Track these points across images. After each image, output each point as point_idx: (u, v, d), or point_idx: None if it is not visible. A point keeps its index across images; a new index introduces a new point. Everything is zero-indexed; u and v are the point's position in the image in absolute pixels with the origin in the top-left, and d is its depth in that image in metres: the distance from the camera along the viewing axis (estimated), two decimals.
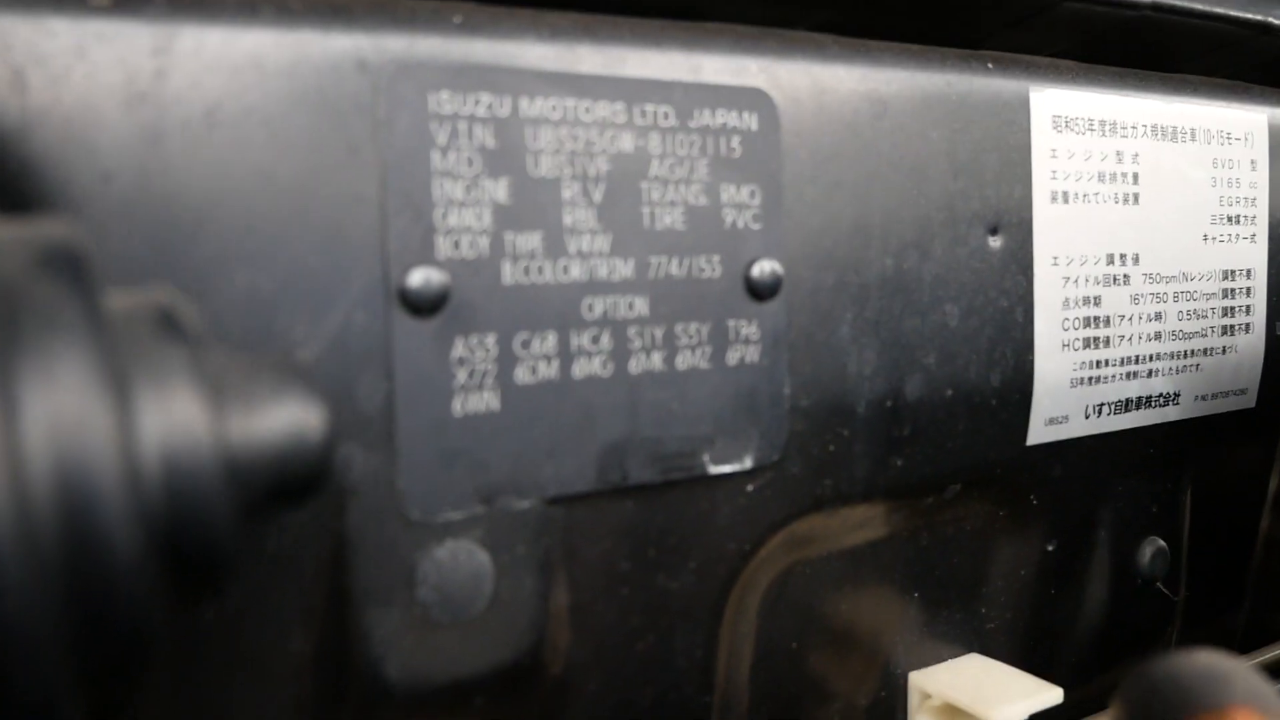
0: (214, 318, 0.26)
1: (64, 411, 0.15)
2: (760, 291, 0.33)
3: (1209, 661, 0.24)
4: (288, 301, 0.27)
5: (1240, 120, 0.47)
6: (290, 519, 0.28)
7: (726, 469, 0.33)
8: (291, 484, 0.19)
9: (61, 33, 0.24)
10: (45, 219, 0.18)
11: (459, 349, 0.29)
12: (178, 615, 0.18)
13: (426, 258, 0.28)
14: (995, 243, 0.39)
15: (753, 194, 0.33)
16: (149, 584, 0.16)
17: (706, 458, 0.33)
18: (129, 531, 0.15)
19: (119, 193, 0.25)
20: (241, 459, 0.18)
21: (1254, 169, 0.48)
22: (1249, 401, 0.49)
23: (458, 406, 0.29)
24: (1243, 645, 0.56)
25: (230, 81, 0.26)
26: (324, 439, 0.20)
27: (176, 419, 0.17)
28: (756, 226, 0.33)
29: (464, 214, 0.29)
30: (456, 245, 0.29)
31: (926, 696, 0.41)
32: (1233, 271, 0.47)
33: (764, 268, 0.33)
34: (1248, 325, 0.48)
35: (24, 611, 0.14)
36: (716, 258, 0.33)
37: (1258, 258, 0.48)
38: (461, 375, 0.29)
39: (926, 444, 0.38)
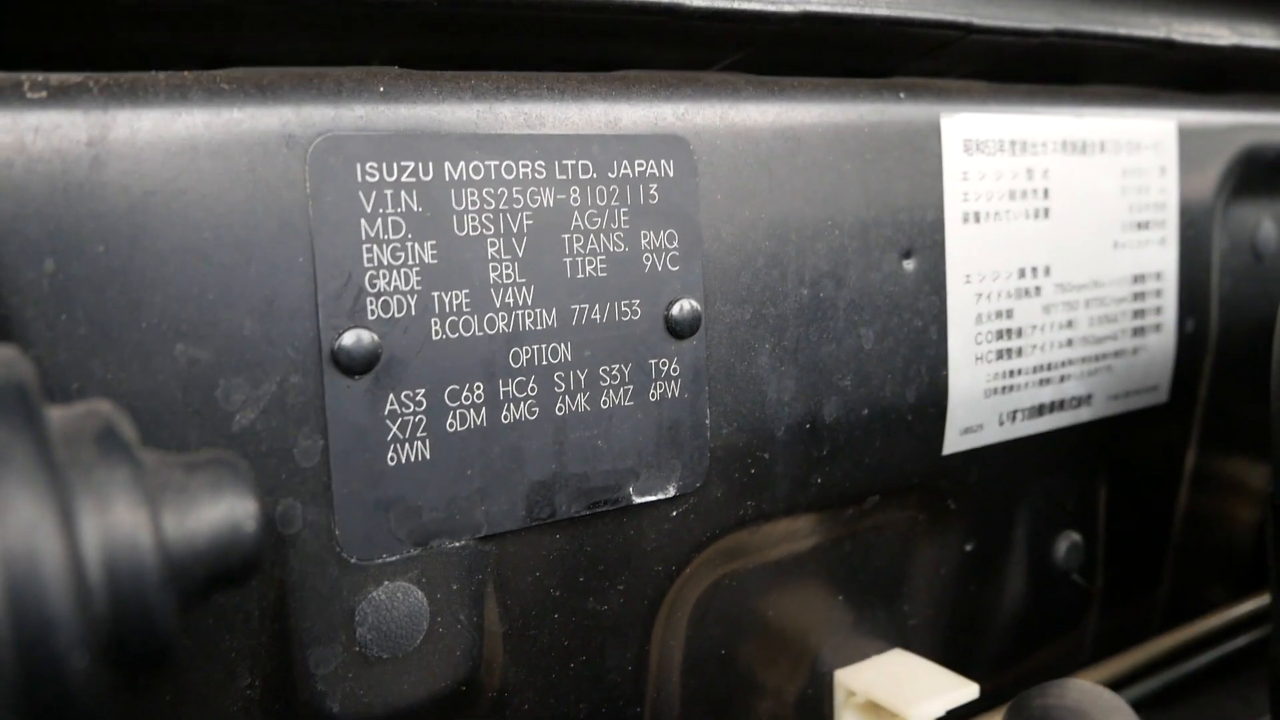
0: (156, 389, 0.28)
1: (15, 545, 0.17)
2: (680, 330, 0.35)
3: (1080, 697, 0.26)
4: (226, 370, 0.28)
5: (1149, 129, 0.49)
6: None
7: (651, 498, 0.35)
8: (229, 572, 0.21)
9: (0, 129, 0.26)
10: None
11: (391, 404, 0.31)
12: (126, 703, 0.20)
13: (358, 320, 0.30)
14: (909, 265, 0.41)
15: (671, 238, 0.35)
16: (100, 689, 0.18)
17: (631, 489, 0.35)
18: (80, 649, 0.17)
19: (61, 277, 0.26)
20: (179, 557, 0.20)
21: (1163, 174, 0.50)
22: (1161, 397, 0.52)
23: (391, 457, 0.31)
24: (1162, 624, 0.59)
25: (164, 166, 0.27)
26: (258, 529, 0.21)
27: (117, 532, 0.19)
28: (675, 268, 0.35)
29: (392, 276, 0.30)
30: (386, 306, 0.30)
31: (851, 694, 0.44)
32: (1143, 275, 0.50)
33: (683, 307, 0.35)
34: (1158, 325, 0.51)
35: None
36: (637, 301, 0.34)
37: (1167, 259, 0.51)
38: (394, 428, 0.31)
39: (845, 461, 0.40)
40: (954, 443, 0.44)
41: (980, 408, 0.44)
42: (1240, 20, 0.50)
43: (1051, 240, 0.46)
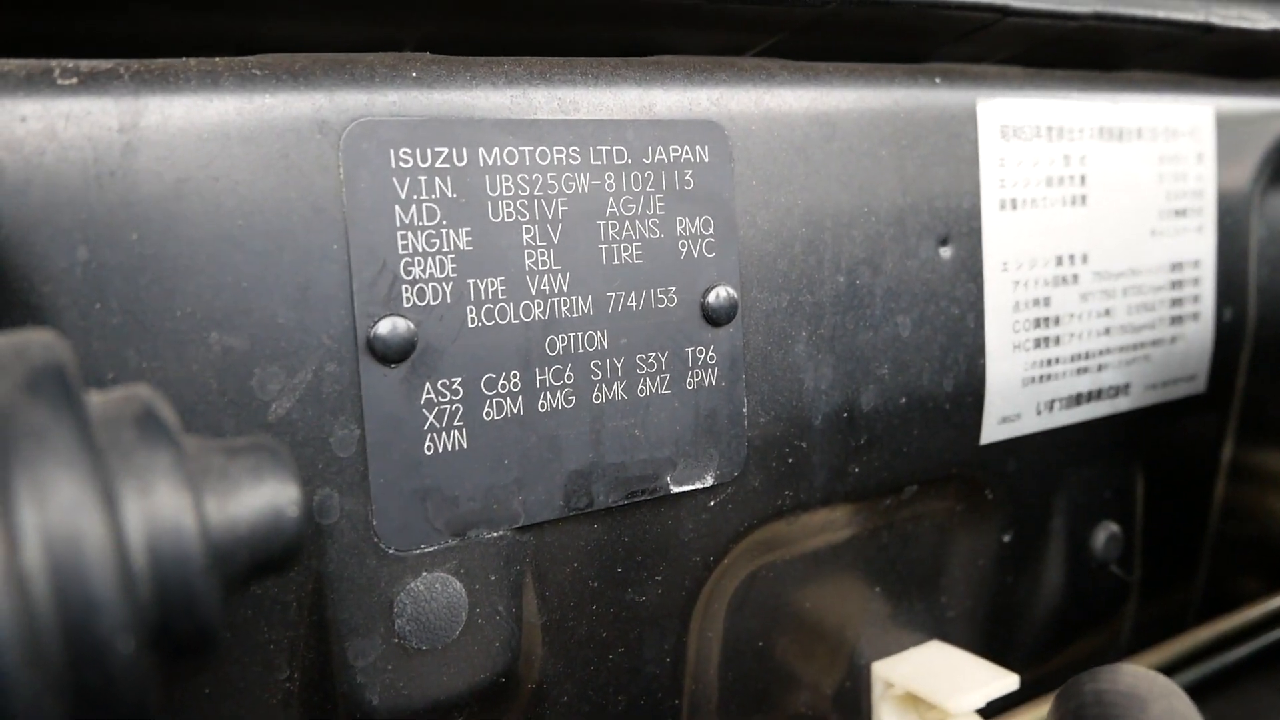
0: (191, 378, 0.27)
1: (59, 528, 0.17)
2: (716, 317, 0.35)
3: (1133, 682, 0.25)
4: (262, 358, 0.28)
5: (1186, 115, 0.48)
6: None
7: (688, 488, 0.35)
8: (272, 558, 0.21)
9: (32, 116, 0.25)
10: (30, 332, 0.19)
11: (427, 392, 0.30)
12: (170, 690, 0.19)
13: (393, 308, 0.29)
14: (946, 253, 0.40)
15: (706, 224, 0.35)
16: (145, 675, 0.18)
17: (669, 479, 0.35)
18: (125, 633, 0.17)
19: (94, 265, 0.26)
20: (222, 543, 0.20)
21: (1200, 161, 0.49)
22: (1199, 387, 0.51)
23: (428, 446, 0.30)
24: (1199, 615, 0.58)
25: (197, 153, 0.27)
26: (300, 515, 0.21)
27: (160, 516, 0.18)
28: (711, 255, 0.35)
29: (427, 263, 0.30)
30: (421, 294, 0.30)
31: (890, 685, 0.43)
32: (1180, 263, 0.49)
33: (719, 294, 0.35)
34: (1196, 314, 0.50)
35: (33, 715, 0.16)
36: (673, 288, 0.34)
37: (1205, 247, 0.50)
38: (430, 417, 0.30)
39: (883, 450, 0.40)
40: (992, 432, 0.43)
41: (1018, 397, 0.43)
42: None
43: (1089, 228, 0.45)
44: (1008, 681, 0.42)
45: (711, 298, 0.35)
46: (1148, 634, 0.55)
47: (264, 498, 0.21)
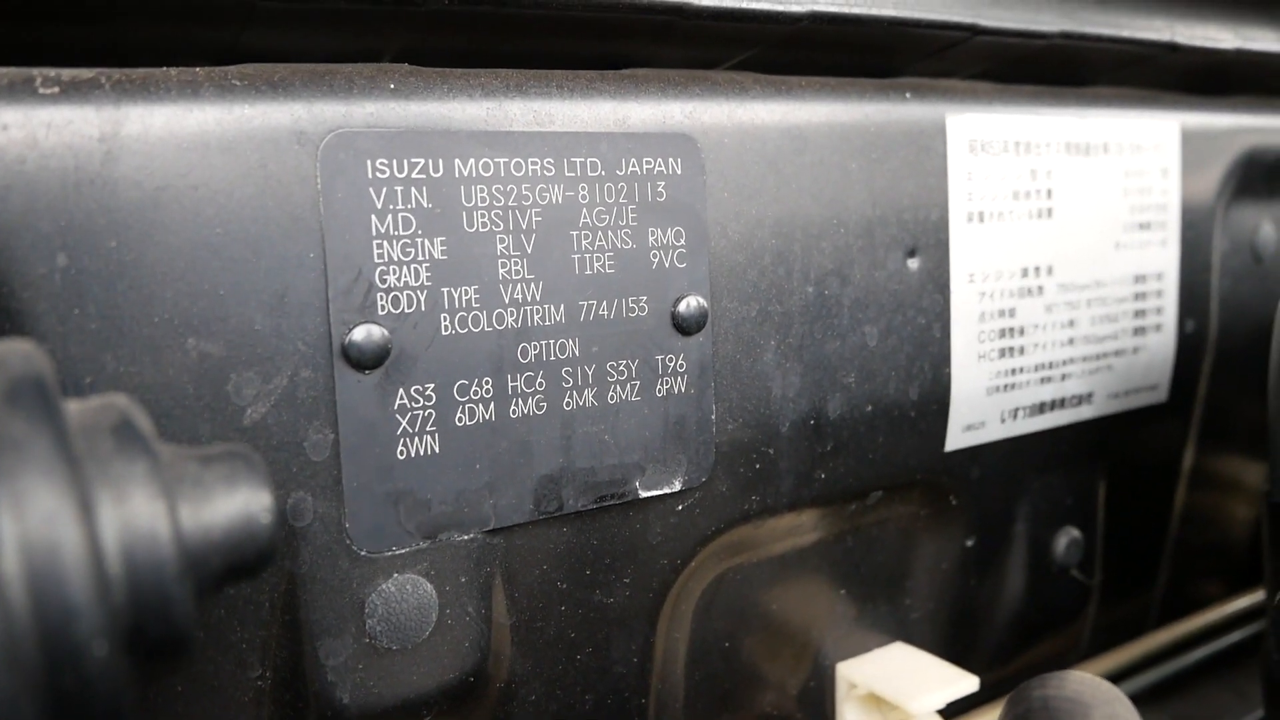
0: (168, 383, 0.28)
1: (37, 536, 0.17)
2: (686, 326, 0.35)
3: (1079, 688, 0.26)
4: (238, 364, 0.29)
5: (1151, 130, 0.49)
6: None
7: (657, 493, 0.36)
8: (244, 564, 0.22)
9: (13, 124, 0.26)
10: (9, 342, 0.20)
11: (400, 398, 0.31)
12: (143, 692, 0.20)
13: (368, 315, 0.30)
14: (913, 264, 0.41)
15: (678, 235, 0.35)
16: (120, 677, 0.18)
17: (638, 484, 0.35)
18: (100, 637, 0.18)
19: (74, 272, 0.27)
20: (196, 549, 0.20)
21: (1165, 176, 0.50)
22: (1160, 396, 0.52)
23: (400, 451, 0.31)
24: (1159, 619, 0.60)
25: (176, 161, 0.28)
26: (273, 521, 0.22)
27: (136, 523, 0.19)
28: (682, 265, 0.35)
29: (402, 272, 0.31)
30: (396, 302, 0.30)
31: (853, 686, 0.44)
32: (1144, 275, 0.50)
33: (690, 304, 0.35)
34: (1158, 325, 0.51)
35: (10, 717, 0.17)
36: (644, 298, 0.35)
37: (1169, 260, 0.51)
38: (404, 422, 0.31)
39: (849, 457, 0.41)
40: (956, 439, 0.44)
41: (982, 405, 0.44)
42: (1243, 24, 0.51)
43: (1054, 240, 0.46)
44: (968, 683, 0.43)
45: (682, 307, 0.35)
46: (1108, 637, 0.56)
47: (237, 504, 0.21)
